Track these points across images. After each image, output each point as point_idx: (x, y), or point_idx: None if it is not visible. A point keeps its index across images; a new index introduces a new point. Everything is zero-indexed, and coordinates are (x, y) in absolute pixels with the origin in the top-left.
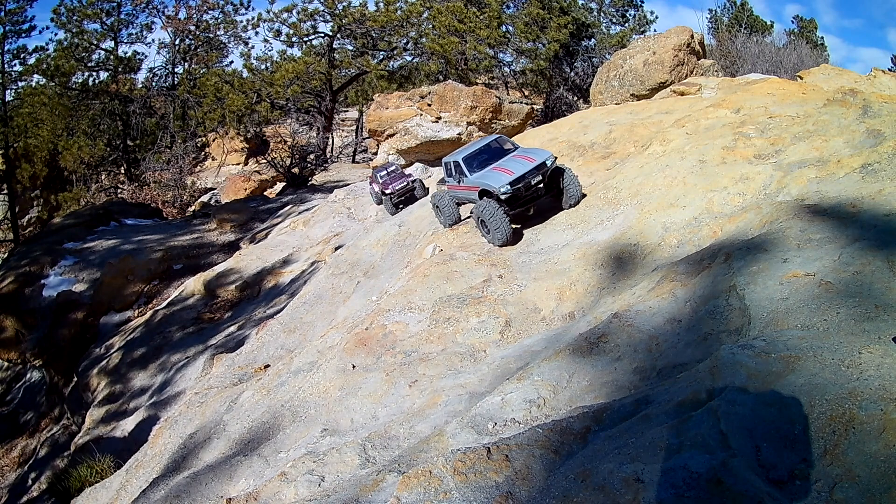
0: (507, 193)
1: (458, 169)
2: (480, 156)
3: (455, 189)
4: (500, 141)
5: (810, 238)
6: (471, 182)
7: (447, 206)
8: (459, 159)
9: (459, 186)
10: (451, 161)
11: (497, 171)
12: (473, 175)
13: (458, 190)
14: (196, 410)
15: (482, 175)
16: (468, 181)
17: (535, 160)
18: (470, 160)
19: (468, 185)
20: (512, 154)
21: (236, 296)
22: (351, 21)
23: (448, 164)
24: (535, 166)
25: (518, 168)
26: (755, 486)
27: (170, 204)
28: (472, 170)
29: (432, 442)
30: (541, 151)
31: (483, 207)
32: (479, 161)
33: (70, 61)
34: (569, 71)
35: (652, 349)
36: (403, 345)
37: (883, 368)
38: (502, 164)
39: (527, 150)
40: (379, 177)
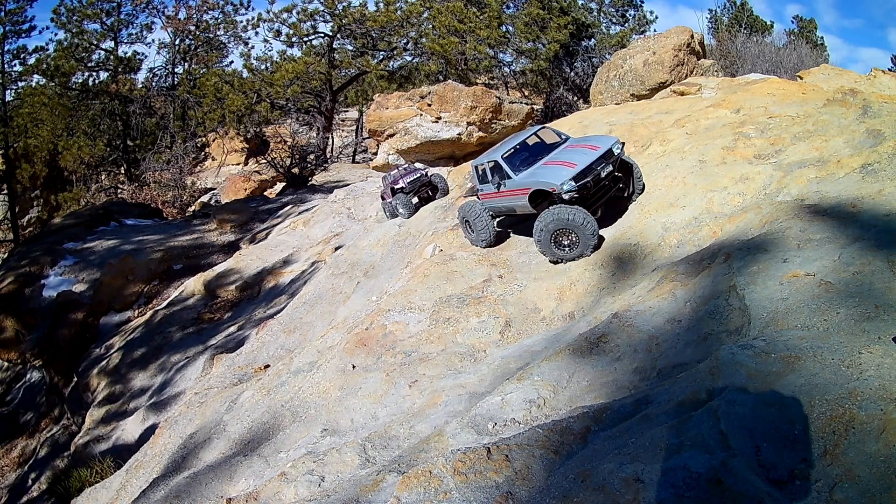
0: (571, 191)
1: (496, 171)
2: (523, 152)
3: (493, 198)
4: (543, 133)
5: (810, 238)
6: (518, 184)
7: (480, 220)
8: (497, 158)
9: (500, 193)
10: (486, 163)
11: (554, 166)
12: (520, 175)
13: (498, 198)
14: (196, 410)
15: (532, 173)
16: (514, 183)
17: (599, 147)
18: (511, 158)
19: (514, 189)
20: (565, 145)
21: (236, 296)
22: (351, 21)
23: (480, 168)
24: (601, 154)
25: (581, 158)
26: (755, 486)
27: (170, 204)
28: (517, 169)
29: (432, 442)
30: (602, 137)
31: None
32: (522, 158)
33: (70, 61)
34: (569, 71)
35: (652, 349)
36: (403, 345)
37: (883, 368)
38: (558, 157)
39: (583, 137)
40: (388, 178)
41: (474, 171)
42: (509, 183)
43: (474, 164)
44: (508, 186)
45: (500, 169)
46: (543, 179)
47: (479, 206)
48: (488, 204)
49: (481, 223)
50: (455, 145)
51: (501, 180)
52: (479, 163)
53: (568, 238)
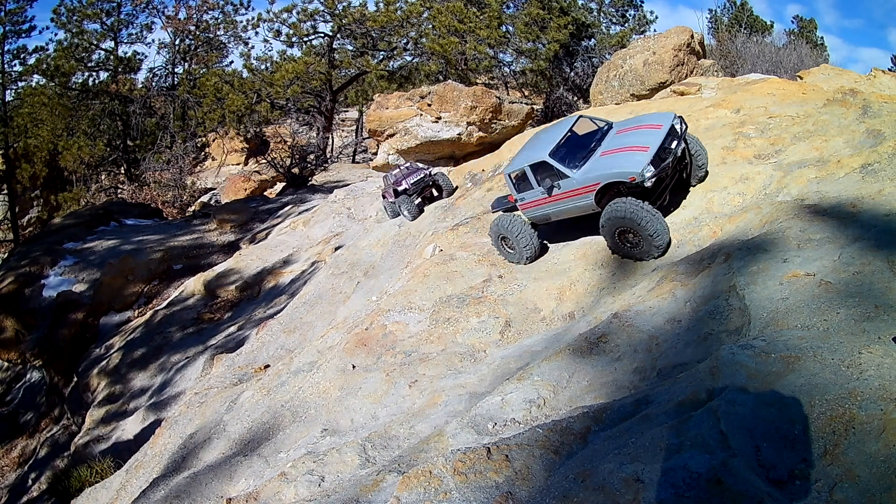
0: (654, 178)
1: (544, 173)
2: (570, 147)
3: (541, 205)
4: (578, 124)
5: (810, 238)
6: (580, 181)
7: (523, 235)
8: (545, 157)
9: (553, 197)
10: (525, 167)
11: (622, 153)
12: (580, 171)
13: (551, 203)
14: (196, 410)
15: (597, 165)
16: (573, 182)
17: (661, 125)
18: (561, 155)
19: (574, 189)
20: (617, 130)
21: (236, 296)
22: (351, 21)
23: (515, 175)
24: (667, 132)
25: (650, 140)
26: (755, 486)
27: (170, 204)
28: (574, 165)
29: (432, 442)
30: (657, 114)
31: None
32: (574, 153)
33: (70, 61)
34: (569, 71)
35: (652, 349)
36: (403, 345)
37: (883, 368)
38: (620, 143)
39: (634, 118)
40: (391, 177)
41: (508, 181)
42: (566, 183)
43: (507, 173)
44: (566, 187)
45: (550, 169)
46: (617, 170)
47: (519, 220)
48: (533, 213)
49: (525, 238)
50: (455, 145)
51: (555, 182)
52: (514, 169)
53: (632, 235)
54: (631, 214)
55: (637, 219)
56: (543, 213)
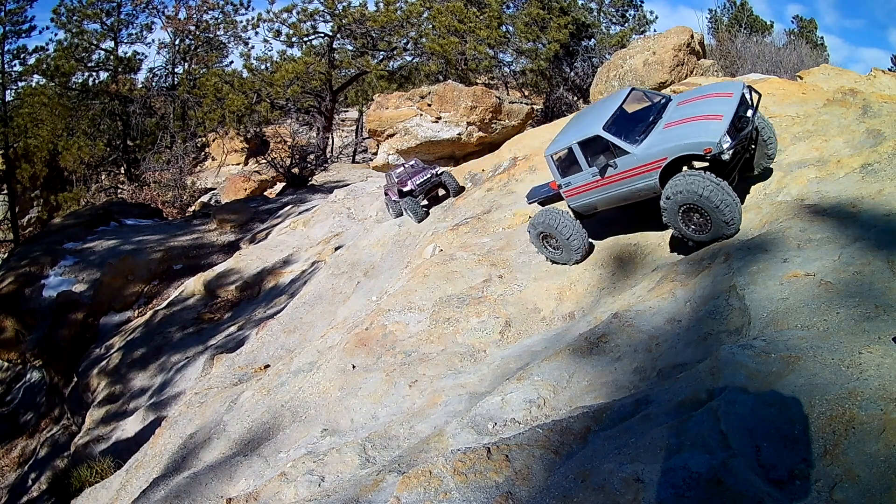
0: (731, 148)
1: (597, 150)
2: (627, 120)
3: (592, 189)
4: (635, 95)
5: (810, 238)
6: (643, 157)
7: (571, 230)
8: (599, 131)
9: (609, 178)
10: (574, 144)
11: (691, 123)
12: (642, 145)
13: (605, 185)
14: (196, 410)
15: (663, 138)
16: (634, 158)
17: (732, 93)
18: (618, 128)
19: (635, 167)
20: (678, 102)
21: (236, 296)
22: (351, 21)
23: (558, 155)
24: (738, 100)
25: (722, 108)
26: (755, 486)
27: (170, 204)
28: (634, 140)
29: (432, 442)
30: (723, 83)
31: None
32: (630, 127)
33: (70, 61)
34: (569, 71)
35: (652, 349)
36: (403, 345)
37: (883, 368)
38: (685, 114)
39: (697, 88)
40: (394, 176)
41: (550, 163)
42: (625, 161)
43: (550, 154)
44: (625, 166)
45: (604, 146)
46: (690, 140)
47: (567, 215)
48: (580, 201)
49: (576, 235)
50: (455, 145)
51: (610, 160)
52: (558, 148)
53: (700, 216)
54: (708, 192)
55: (714, 199)
56: (592, 200)
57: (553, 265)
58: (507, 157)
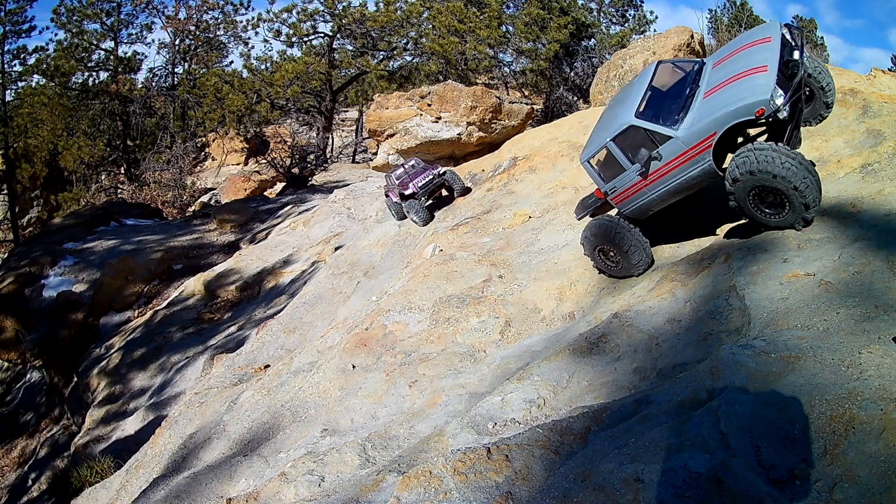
0: (787, 102)
1: (636, 144)
2: (661, 98)
3: (639, 189)
4: (664, 70)
5: (810, 238)
6: (689, 138)
7: (635, 243)
8: (630, 120)
9: (655, 173)
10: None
11: (733, 83)
12: (685, 124)
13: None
14: (196, 411)
15: (706, 109)
16: (678, 143)
17: (770, 37)
18: (653, 112)
19: (682, 153)
20: (713, 64)
21: (236, 296)
22: (351, 21)
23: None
24: (780, 42)
25: (763, 56)
26: (755, 486)
27: (170, 204)
28: (674, 120)
29: (432, 442)
30: (755, 29)
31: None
32: (665, 107)
33: (70, 61)
34: (569, 71)
35: (652, 349)
36: (403, 345)
37: (883, 368)
38: (724, 74)
39: (729, 44)
40: (395, 178)
41: (589, 169)
42: (670, 148)
43: (585, 160)
44: (670, 154)
45: (642, 136)
46: (736, 105)
47: (626, 225)
48: (632, 205)
49: (638, 247)
50: (455, 145)
51: (653, 152)
52: (593, 151)
53: (775, 200)
54: (783, 170)
55: (791, 177)
56: (644, 201)
57: (553, 265)
58: (507, 157)
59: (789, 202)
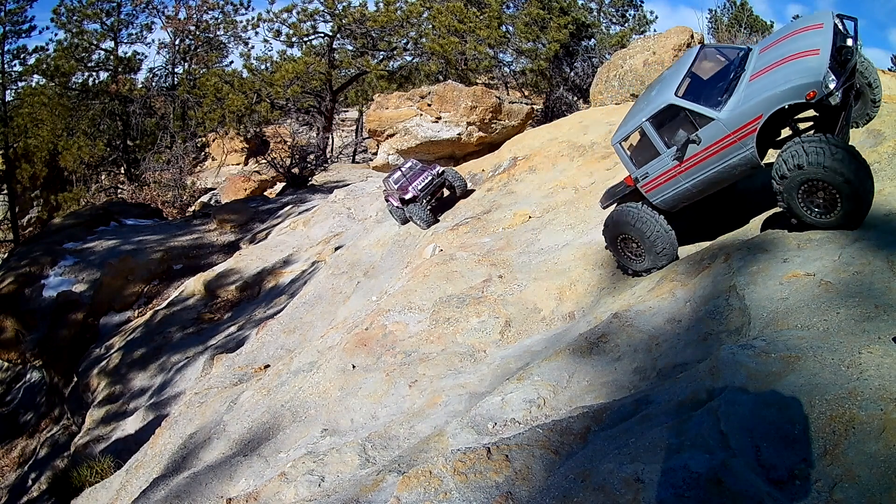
0: (840, 88)
1: (673, 125)
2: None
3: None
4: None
5: (810, 238)
6: (734, 120)
7: (658, 232)
8: (670, 98)
9: (692, 158)
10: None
11: (782, 66)
12: (726, 106)
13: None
14: (196, 411)
15: (752, 91)
16: (720, 123)
17: (822, 24)
18: (695, 93)
19: (725, 135)
20: (760, 49)
21: (236, 296)
22: (351, 21)
23: (628, 143)
24: (833, 30)
25: (816, 41)
26: (755, 486)
27: (170, 204)
28: (713, 102)
29: (432, 442)
30: (806, 17)
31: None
32: (708, 89)
33: (70, 61)
34: (569, 71)
35: (652, 349)
36: (403, 345)
37: (883, 368)
38: (772, 58)
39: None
40: (393, 182)
41: (621, 151)
42: (710, 131)
43: (618, 141)
44: (710, 138)
45: (682, 117)
46: (786, 86)
47: (649, 212)
48: (665, 194)
49: (661, 237)
50: (455, 145)
51: (691, 134)
52: (627, 132)
53: (827, 196)
54: (837, 163)
55: (844, 170)
56: (678, 190)
57: (553, 265)
58: (507, 157)
59: (841, 198)
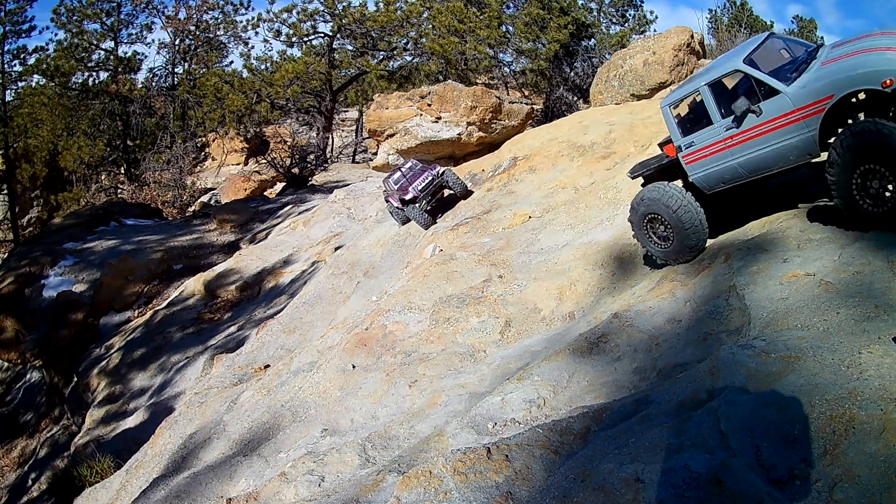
0: None
1: (735, 92)
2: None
3: (727, 148)
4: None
5: (810, 238)
6: (798, 96)
7: (691, 214)
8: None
9: (750, 129)
10: (706, 84)
11: (859, 55)
12: (797, 82)
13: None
14: (196, 410)
15: (826, 72)
16: (787, 98)
17: None
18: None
19: (790, 111)
20: (832, 46)
21: (236, 296)
22: (351, 21)
23: (677, 109)
24: None
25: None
26: (755, 486)
27: (170, 204)
28: (783, 77)
29: (432, 442)
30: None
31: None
32: (779, 65)
33: (70, 61)
34: (569, 71)
35: (652, 349)
36: (403, 345)
37: (883, 368)
38: (845, 51)
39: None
40: (393, 183)
41: (668, 115)
42: (775, 104)
43: (667, 104)
44: (773, 111)
45: (745, 88)
46: (865, 69)
47: (681, 192)
48: (709, 169)
49: (692, 217)
50: (455, 145)
51: (752, 105)
52: (681, 95)
53: (880, 184)
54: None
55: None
56: (724, 166)
57: (553, 265)
58: (507, 157)
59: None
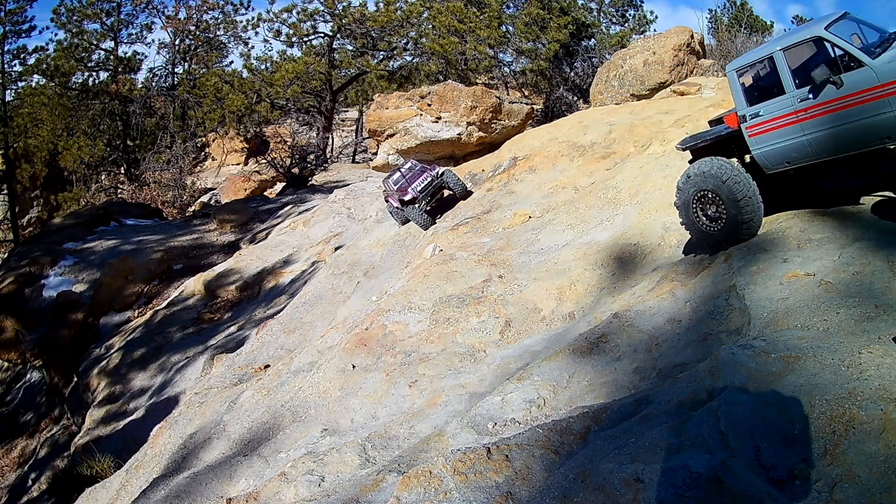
0: None
1: (813, 61)
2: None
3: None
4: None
5: (810, 238)
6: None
7: (748, 192)
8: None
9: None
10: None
11: None
12: (884, 56)
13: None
14: (196, 410)
15: None
16: (872, 71)
17: None
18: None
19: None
20: None
21: (236, 296)
22: (351, 21)
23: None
24: None
25: None
26: (755, 486)
27: (170, 204)
28: (866, 50)
29: (432, 442)
30: None
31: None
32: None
33: (70, 61)
34: (569, 71)
35: (652, 349)
36: (403, 345)
37: (883, 368)
38: None
39: None
40: (392, 183)
41: (735, 81)
42: (857, 77)
43: (733, 69)
44: (855, 85)
45: (824, 57)
46: None
47: (738, 169)
48: (774, 143)
49: (749, 195)
50: (455, 145)
51: (831, 76)
52: (752, 59)
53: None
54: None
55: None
56: (791, 142)
57: (553, 265)
58: (507, 157)
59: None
